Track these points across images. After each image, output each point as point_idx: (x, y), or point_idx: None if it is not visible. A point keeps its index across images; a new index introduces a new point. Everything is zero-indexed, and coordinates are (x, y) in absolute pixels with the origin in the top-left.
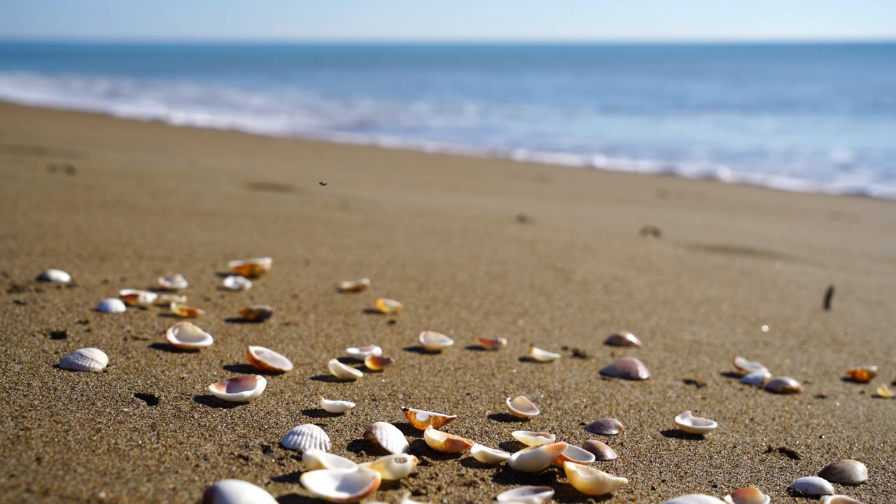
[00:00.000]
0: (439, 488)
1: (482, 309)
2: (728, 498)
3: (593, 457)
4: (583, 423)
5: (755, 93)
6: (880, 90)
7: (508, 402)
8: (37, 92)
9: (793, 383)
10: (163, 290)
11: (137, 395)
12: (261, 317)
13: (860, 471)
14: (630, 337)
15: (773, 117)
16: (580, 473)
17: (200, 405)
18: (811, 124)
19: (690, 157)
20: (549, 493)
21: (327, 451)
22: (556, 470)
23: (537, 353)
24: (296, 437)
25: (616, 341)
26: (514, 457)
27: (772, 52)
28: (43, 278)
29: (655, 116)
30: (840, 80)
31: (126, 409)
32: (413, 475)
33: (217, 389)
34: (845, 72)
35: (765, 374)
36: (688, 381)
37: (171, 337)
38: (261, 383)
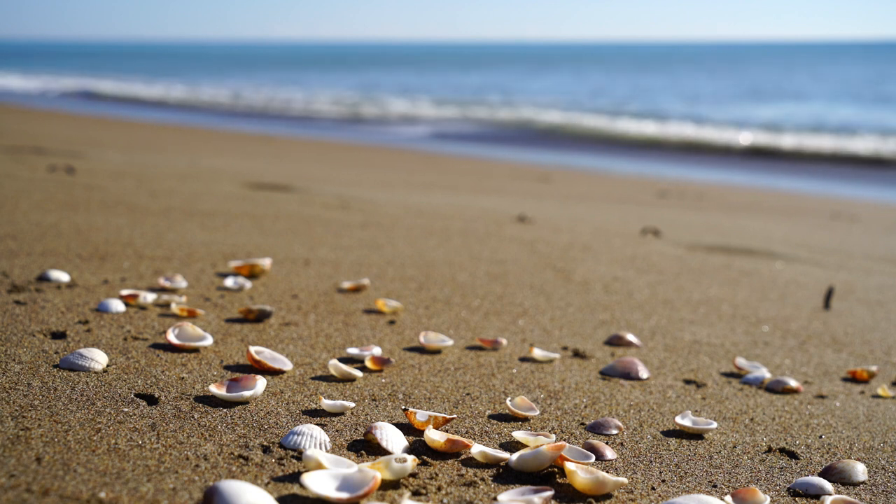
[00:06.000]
0: (439, 488)
1: (482, 309)
2: (728, 498)
3: (593, 457)
4: (583, 423)
5: None
6: None
7: (508, 402)
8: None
9: (793, 383)
10: (163, 290)
11: (137, 395)
12: (261, 317)
13: (860, 471)
14: (630, 337)
15: None
16: (580, 473)
17: (200, 405)
18: None
19: None
20: (549, 493)
21: (327, 451)
22: (556, 470)
23: (537, 353)
24: (296, 437)
25: (616, 341)
26: (514, 457)
27: (774, 52)
28: (43, 278)
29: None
30: None
31: (126, 409)
32: (413, 475)
33: (217, 389)
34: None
35: (765, 374)
36: (688, 381)
37: (171, 337)
38: (261, 383)
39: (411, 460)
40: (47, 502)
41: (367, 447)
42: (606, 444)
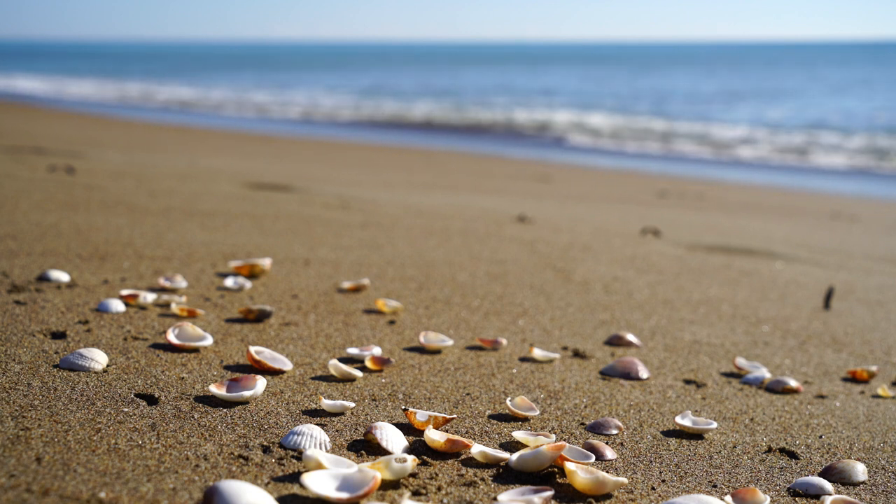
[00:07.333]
0: (439, 488)
1: (482, 309)
2: (728, 498)
3: (593, 457)
4: (583, 423)
5: None
6: None
7: (508, 402)
8: None
9: (793, 383)
10: (163, 290)
11: (137, 395)
12: (261, 317)
13: (860, 471)
14: (630, 337)
15: None
16: (580, 473)
17: (200, 405)
18: None
19: None
20: (549, 493)
21: (327, 451)
22: (556, 470)
23: (537, 353)
24: (296, 437)
25: (616, 341)
26: (514, 457)
27: (774, 52)
28: (43, 278)
29: None
30: None
31: (126, 409)
32: (413, 475)
33: (217, 389)
34: None
35: (765, 374)
36: (688, 381)
37: (171, 337)
38: (261, 383)
39: (411, 460)
40: (47, 502)
41: (367, 447)
42: (606, 444)
